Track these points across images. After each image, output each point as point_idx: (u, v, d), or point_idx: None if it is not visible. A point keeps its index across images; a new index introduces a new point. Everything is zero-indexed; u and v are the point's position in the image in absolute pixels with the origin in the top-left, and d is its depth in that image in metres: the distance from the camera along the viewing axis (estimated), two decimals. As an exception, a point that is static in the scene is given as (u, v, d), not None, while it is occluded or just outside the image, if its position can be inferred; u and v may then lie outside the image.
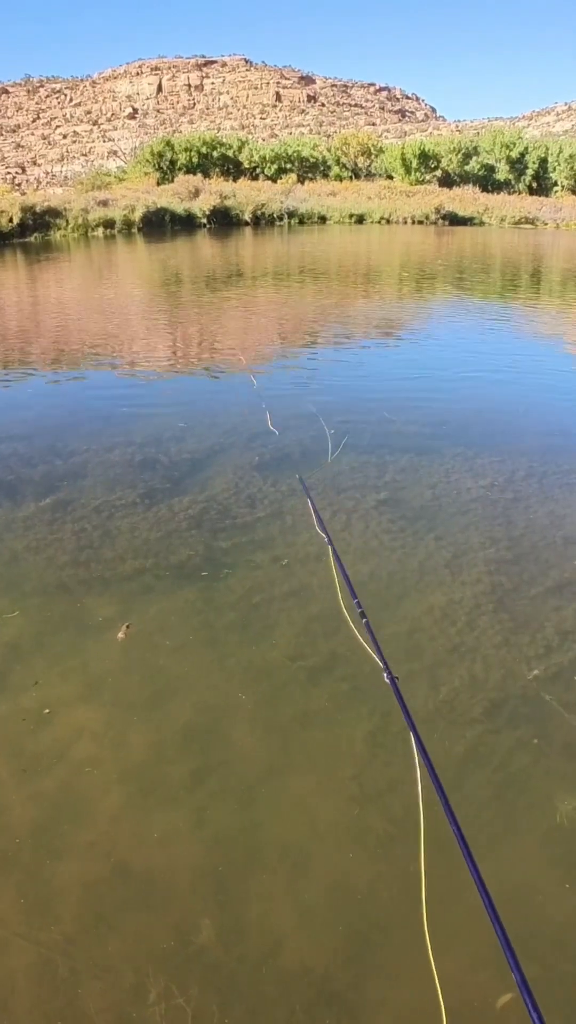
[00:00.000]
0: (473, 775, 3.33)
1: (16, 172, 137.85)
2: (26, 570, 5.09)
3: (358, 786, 3.28)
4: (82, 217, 37.26)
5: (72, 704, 3.80)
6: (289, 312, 16.00)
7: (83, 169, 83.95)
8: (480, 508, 6.01)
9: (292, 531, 5.61)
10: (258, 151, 64.79)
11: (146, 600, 4.75)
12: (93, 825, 3.08)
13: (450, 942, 2.60)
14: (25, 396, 9.60)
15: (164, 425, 8.06)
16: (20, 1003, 2.44)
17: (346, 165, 66.06)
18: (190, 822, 3.10)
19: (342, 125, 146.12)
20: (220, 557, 5.26)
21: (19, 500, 6.16)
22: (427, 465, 6.88)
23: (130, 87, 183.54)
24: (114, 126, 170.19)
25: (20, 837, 3.03)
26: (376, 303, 17.30)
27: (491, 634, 4.35)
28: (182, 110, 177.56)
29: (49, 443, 7.57)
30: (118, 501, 6.12)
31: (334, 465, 6.79)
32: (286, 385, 9.94)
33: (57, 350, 12.45)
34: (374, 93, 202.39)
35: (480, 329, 14.14)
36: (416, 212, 45.01)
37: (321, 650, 4.24)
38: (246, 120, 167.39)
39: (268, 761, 3.44)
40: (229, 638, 4.37)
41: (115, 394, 9.64)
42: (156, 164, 57.99)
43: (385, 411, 8.61)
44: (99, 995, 2.46)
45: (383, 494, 6.23)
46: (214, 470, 6.78)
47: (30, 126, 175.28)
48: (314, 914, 2.72)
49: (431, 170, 62.22)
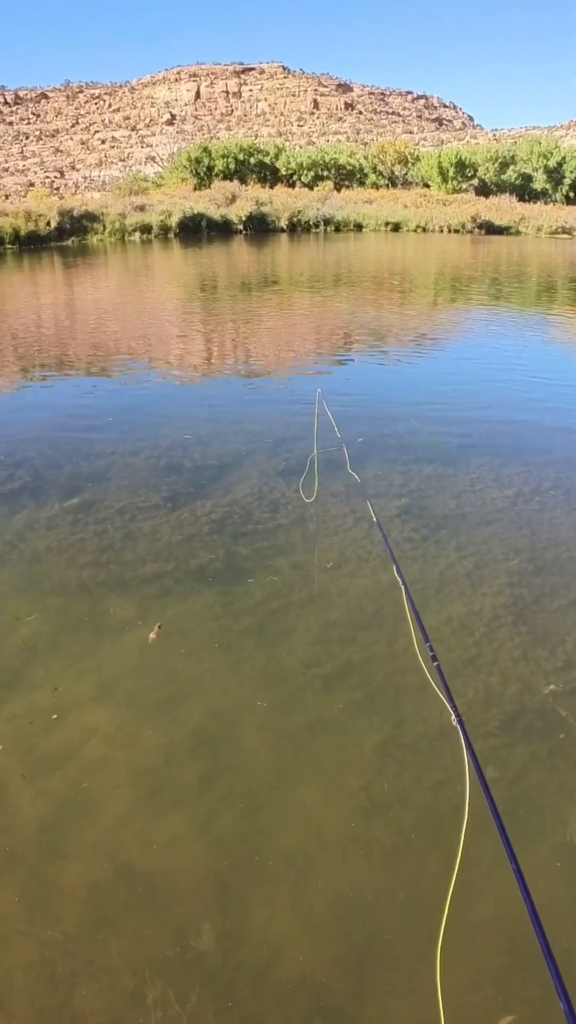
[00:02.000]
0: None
1: (55, 176, 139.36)
2: (47, 570, 5.13)
3: (367, 797, 3.25)
4: (119, 221, 37.60)
5: (85, 704, 3.81)
6: (322, 319, 15.99)
7: (121, 174, 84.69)
8: (504, 518, 5.95)
9: (314, 538, 5.60)
10: (295, 158, 65.04)
11: (164, 603, 4.76)
12: (99, 825, 3.09)
13: (454, 958, 2.57)
14: (55, 397, 9.69)
15: (191, 429, 8.09)
16: (17, 1000, 2.44)
17: (383, 173, 66.05)
18: (196, 826, 3.09)
19: (379, 133, 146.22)
20: (240, 562, 5.26)
21: (43, 500, 6.20)
22: (452, 474, 6.83)
23: (168, 93, 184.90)
24: (152, 132, 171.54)
25: (26, 835, 3.04)
26: (410, 311, 17.24)
27: (509, 647, 4.30)
28: (220, 117, 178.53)
29: (76, 444, 7.62)
30: (141, 503, 6.14)
31: (359, 472, 6.75)
32: (313, 391, 9.91)
33: (90, 353, 12.54)
34: (412, 101, 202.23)
35: (513, 339, 14.03)
36: (452, 221, 44.80)
37: (337, 658, 4.21)
38: (283, 127, 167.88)
39: (277, 768, 3.42)
40: (245, 643, 4.36)
41: (145, 397, 9.69)
42: (193, 170, 58.37)
43: (413, 419, 8.57)
44: (96, 996, 2.45)
45: (406, 502, 6.20)
46: (239, 475, 6.78)
47: (69, 131, 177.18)
48: (316, 924, 2.69)
49: (468, 179, 61.95)
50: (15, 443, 7.70)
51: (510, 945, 2.64)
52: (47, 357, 12.21)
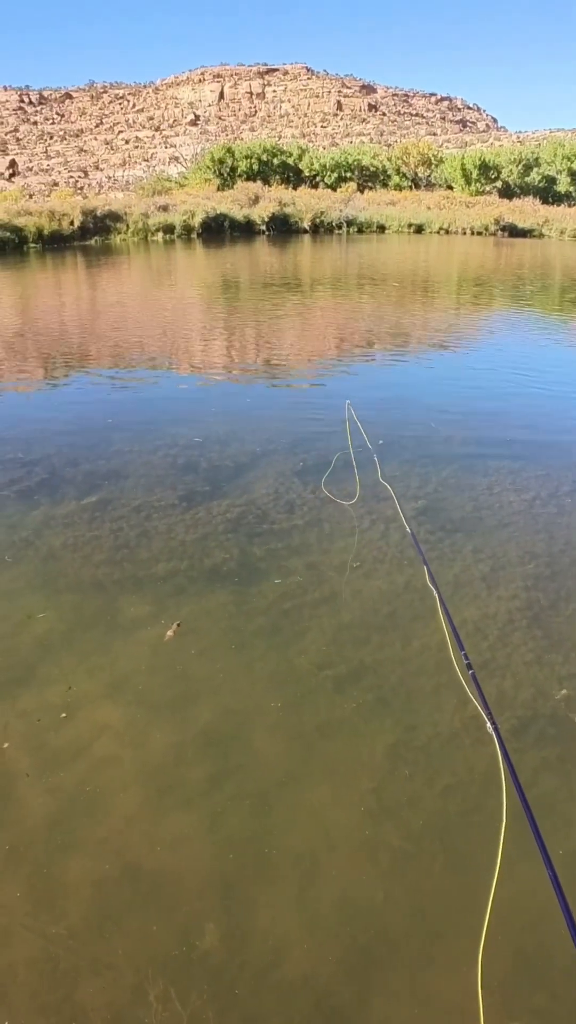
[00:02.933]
0: (495, 794, 3.25)
1: (78, 176, 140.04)
2: (62, 567, 5.14)
3: (376, 799, 3.23)
4: (142, 221, 37.73)
5: (96, 701, 3.82)
6: (344, 320, 15.98)
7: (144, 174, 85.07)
8: (521, 521, 5.91)
9: (329, 539, 5.58)
10: (318, 159, 64.97)
11: (178, 601, 4.76)
12: (107, 823, 3.09)
13: (455, 964, 2.55)
14: (76, 395, 9.73)
15: (209, 429, 8.10)
16: (19, 993, 2.45)
17: (406, 175, 65.85)
18: (204, 825, 3.08)
19: (403, 134, 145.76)
20: (254, 562, 5.25)
21: (60, 498, 6.23)
22: (470, 476, 6.79)
23: (192, 94, 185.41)
24: (176, 132, 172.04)
25: (34, 830, 3.05)
26: (431, 313, 17.18)
27: (523, 651, 4.27)
28: (243, 117, 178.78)
29: (94, 442, 7.65)
30: (157, 502, 6.15)
31: (374, 473, 6.73)
32: (336, 392, 9.91)
33: (111, 352, 12.60)
34: (435, 103, 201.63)
35: (534, 342, 13.95)
36: (475, 223, 44.60)
37: (349, 659, 4.19)
38: (307, 128, 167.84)
39: (287, 769, 3.41)
40: (258, 643, 4.35)
41: (164, 396, 9.73)
42: (216, 170, 58.46)
43: (432, 421, 8.54)
44: (98, 992, 2.45)
45: (424, 503, 6.17)
46: (255, 475, 6.78)
47: (93, 131, 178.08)
48: (320, 926, 2.68)
49: (491, 181, 61.65)
50: (34, 440, 7.74)
51: (521, 947, 2.62)
52: (68, 355, 12.27)
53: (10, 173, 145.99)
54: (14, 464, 6.99)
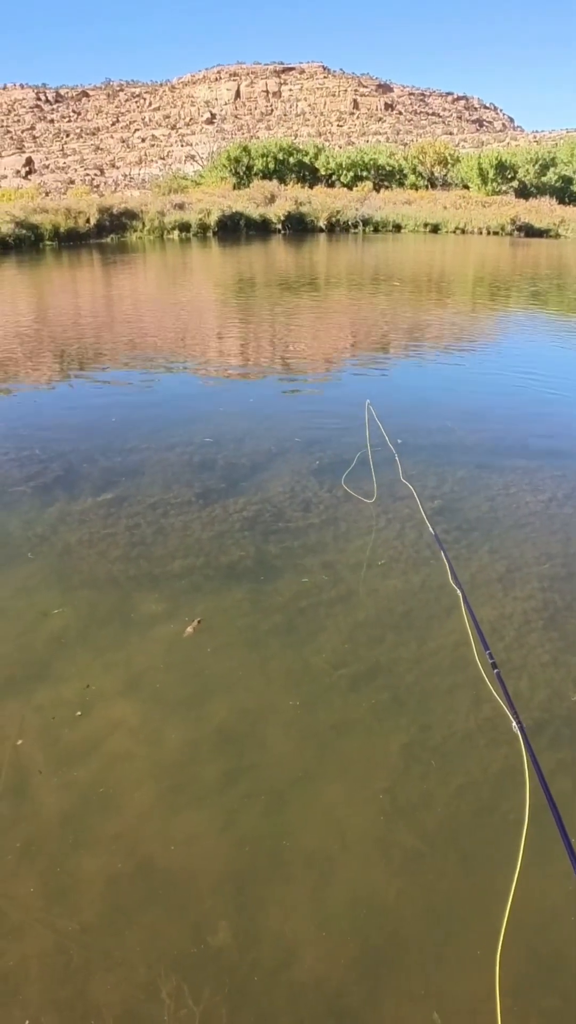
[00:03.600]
0: (510, 796, 3.24)
1: (95, 174, 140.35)
2: (77, 563, 5.15)
3: (390, 799, 3.22)
4: (158, 220, 37.80)
5: (111, 698, 3.83)
6: (360, 319, 15.95)
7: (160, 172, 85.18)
8: (538, 522, 5.88)
9: (345, 537, 5.57)
10: (334, 158, 64.92)
11: (194, 599, 4.76)
12: (121, 819, 3.09)
13: (469, 965, 2.54)
14: (92, 392, 9.76)
15: (225, 427, 8.10)
16: (31, 988, 2.46)
17: (422, 174, 65.71)
18: (217, 823, 3.08)
19: (419, 134, 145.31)
20: (270, 560, 5.25)
21: (76, 494, 6.24)
22: (486, 476, 6.77)
23: (209, 92, 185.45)
24: (192, 131, 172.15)
25: (48, 825, 3.06)
26: (447, 313, 17.13)
27: (539, 652, 4.24)
28: (260, 116, 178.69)
29: (110, 440, 7.66)
30: (173, 499, 6.16)
31: (390, 472, 6.71)
32: (353, 391, 9.89)
33: (127, 349, 12.62)
34: (452, 102, 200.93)
35: (550, 343, 13.89)
36: (491, 223, 44.46)
37: (365, 659, 4.18)
38: (323, 127, 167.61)
39: (301, 767, 3.40)
40: (273, 641, 4.35)
41: (180, 394, 9.74)
42: (233, 169, 58.50)
43: (448, 421, 8.52)
44: (110, 988, 2.46)
45: (440, 503, 6.15)
46: (271, 473, 6.78)
47: (109, 129, 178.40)
48: (333, 926, 2.67)
49: (507, 181, 61.46)
50: (50, 437, 7.76)
51: (531, 950, 2.61)
52: (84, 353, 12.30)
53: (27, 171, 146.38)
54: (31, 460, 7.01)
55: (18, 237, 31.50)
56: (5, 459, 7.06)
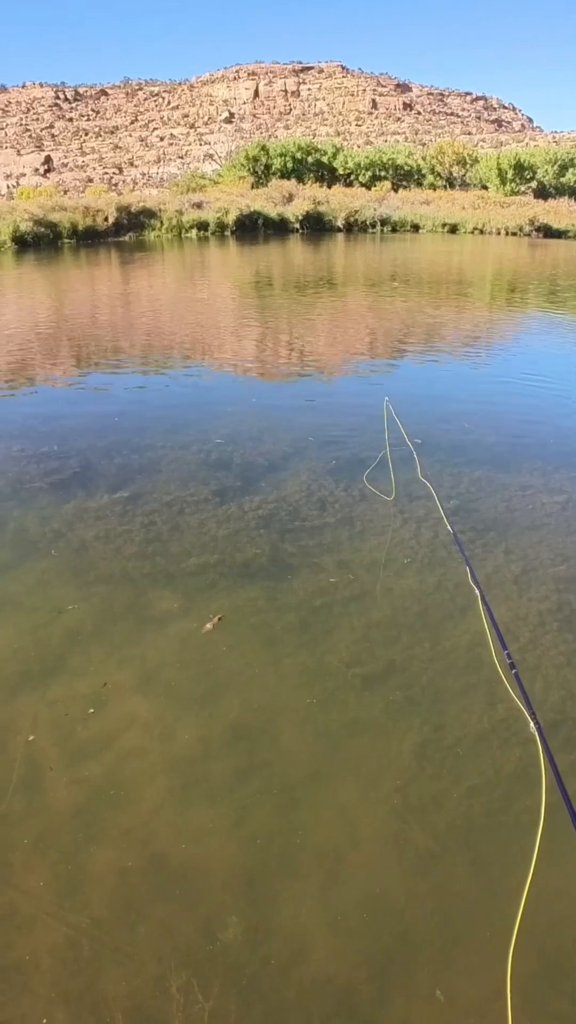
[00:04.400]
0: (522, 796, 3.23)
1: (113, 172, 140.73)
2: (93, 559, 5.18)
3: (403, 798, 3.21)
4: (176, 218, 37.90)
5: (125, 693, 3.84)
6: (378, 320, 15.93)
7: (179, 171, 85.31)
8: (554, 524, 5.85)
9: (360, 537, 5.57)
10: (353, 158, 64.86)
11: (208, 596, 4.77)
12: (133, 814, 3.10)
13: (478, 966, 2.53)
14: (110, 391, 9.80)
15: (242, 426, 8.11)
16: (41, 980, 2.47)
17: (440, 174, 65.56)
18: (229, 819, 3.09)
19: (438, 134, 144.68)
20: (286, 558, 5.25)
21: (93, 491, 6.27)
22: (502, 478, 6.74)
23: (227, 91, 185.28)
24: (210, 130, 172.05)
25: (61, 819, 3.07)
26: (465, 314, 17.08)
27: (553, 653, 4.23)
28: (278, 115, 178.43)
29: (127, 437, 7.69)
30: (190, 497, 6.17)
31: (407, 472, 6.70)
32: (370, 391, 9.89)
33: (144, 347, 12.67)
34: (471, 102, 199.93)
35: (569, 345, 13.82)
36: (510, 223, 44.25)
37: (379, 658, 4.18)
38: (342, 127, 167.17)
39: (314, 765, 3.40)
40: (287, 639, 4.35)
41: (197, 392, 9.77)
42: (251, 168, 58.54)
43: (465, 422, 8.49)
44: (120, 981, 2.47)
45: (456, 504, 6.13)
46: (288, 472, 6.78)
47: (128, 128, 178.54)
48: (343, 924, 2.67)
49: (526, 181, 61.23)
50: (68, 434, 7.80)
51: (543, 950, 2.60)
52: (102, 351, 12.35)
53: (45, 169, 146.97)
54: (48, 457, 7.05)
55: (37, 235, 31.66)
56: (22, 455, 7.10)
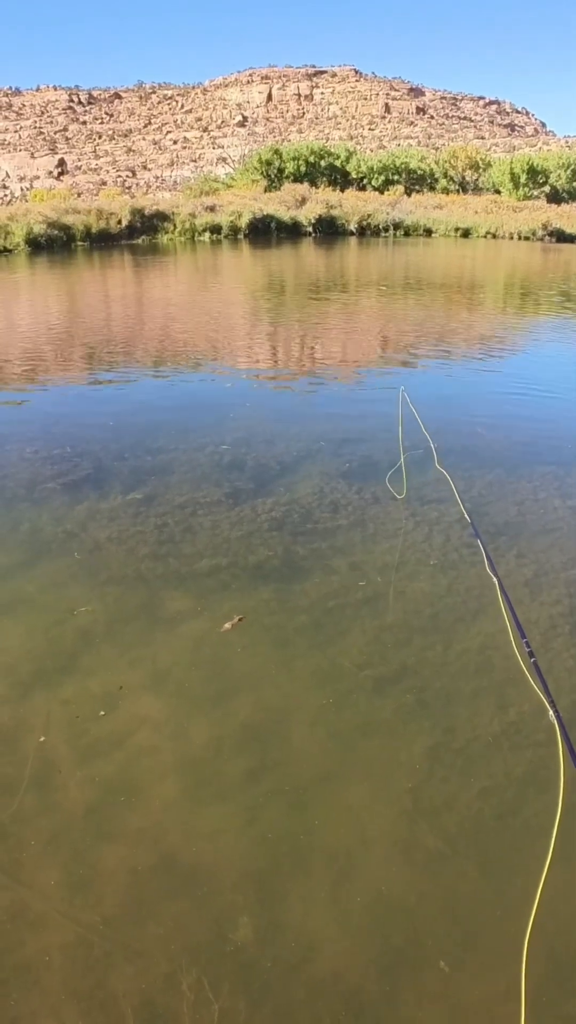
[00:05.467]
0: (532, 800, 3.23)
1: (127, 176, 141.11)
2: (106, 559, 5.20)
3: (413, 800, 3.22)
4: (189, 221, 37.97)
5: (137, 693, 3.86)
6: (390, 323, 15.93)
7: (192, 175, 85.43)
8: (566, 528, 5.84)
9: (373, 539, 5.57)
10: (365, 162, 64.79)
11: (221, 597, 4.79)
12: (145, 813, 3.12)
13: (488, 968, 2.53)
14: (122, 392, 9.84)
15: (254, 428, 8.13)
16: (52, 979, 2.48)
17: (453, 178, 65.43)
18: (241, 819, 3.10)
19: (451, 138, 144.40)
20: (298, 560, 5.26)
21: (106, 492, 6.30)
22: (514, 482, 6.74)
23: (240, 95, 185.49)
24: (224, 133, 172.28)
25: (73, 817, 3.09)
26: (478, 318, 17.06)
27: (564, 657, 4.22)
28: (291, 119, 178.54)
29: (140, 439, 7.72)
30: (203, 499, 6.19)
31: (419, 475, 6.71)
32: (382, 395, 9.89)
33: (157, 350, 12.71)
34: (484, 106, 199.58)
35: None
36: (523, 228, 44.13)
37: (391, 660, 4.18)
38: (354, 131, 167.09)
39: (325, 766, 3.41)
40: (299, 641, 4.36)
41: (209, 394, 9.80)
42: (264, 172, 58.57)
43: (478, 426, 8.49)
44: (130, 979, 2.48)
45: (468, 507, 6.12)
46: (301, 475, 6.79)
47: (141, 131, 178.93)
48: (353, 924, 2.68)
49: (539, 185, 61.06)
50: (81, 435, 7.84)
51: (550, 952, 2.60)
52: (115, 353, 12.40)
53: (59, 172, 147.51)
54: (61, 458, 7.08)
55: (50, 237, 31.78)
56: (36, 456, 7.14)
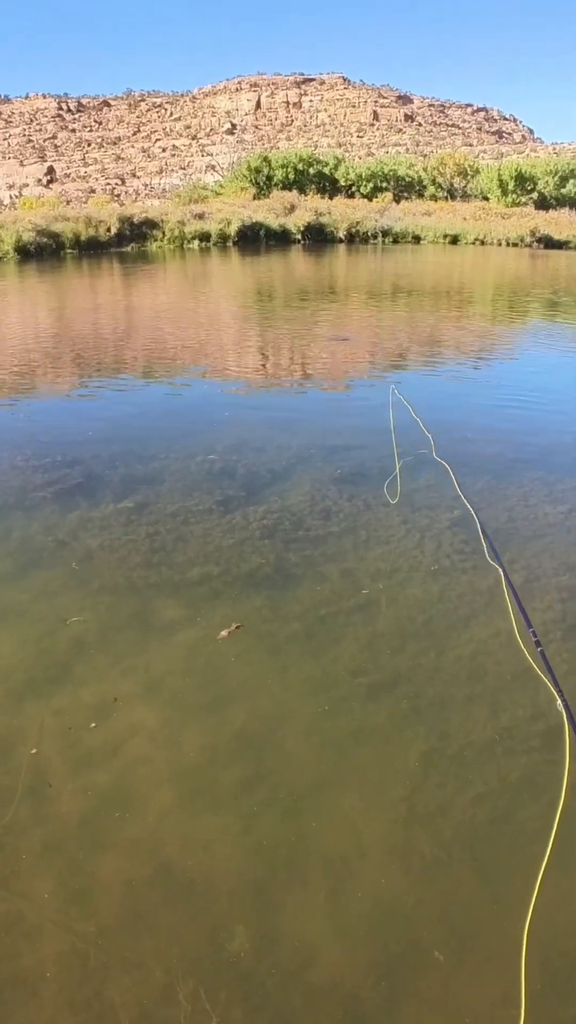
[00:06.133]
0: (527, 805, 3.24)
1: (116, 183, 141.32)
2: (98, 568, 5.20)
3: (408, 807, 3.22)
4: (178, 229, 38.01)
5: (131, 702, 3.85)
6: (379, 330, 15.97)
7: (181, 182, 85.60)
8: (556, 534, 5.87)
9: (365, 546, 5.58)
10: (354, 169, 65.13)
11: (213, 605, 4.79)
12: (140, 822, 3.11)
13: (486, 973, 2.54)
14: (113, 401, 9.83)
15: (245, 436, 8.13)
16: (48, 990, 2.47)
17: (442, 185, 65.77)
18: (236, 828, 3.10)
19: (439, 145, 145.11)
20: (290, 568, 5.27)
21: (97, 500, 6.29)
22: (505, 488, 6.76)
23: (229, 103, 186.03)
24: (212, 141, 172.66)
25: (67, 828, 3.08)
26: (467, 324, 17.13)
27: (557, 662, 4.23)
28: (280, 127, 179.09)
29: (131, 447, 7.72)
30: (194, 507, 6.19)
31: (410, 482, 6.73)
32: (372, 402, 9.91)
33: (146, 357, 12.72)
34: (471, 114, 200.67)
35: (570, 356, 13.85)
36: (511, 234, 44.33)
37: (384, 667, 4.19)
38: (343, 138, 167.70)
39: (320, 774, 3.41)
40: (292, 648, 4.36)
41: (200, 402, 9.80)
42: (253, 179, 58.76)
43: (467, 432, 8.51)
44: (127, 990, 2.47)
45: (458, 513, 6.15)
46: (292, 482, 6.80)
47: (131, 139, 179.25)
48: (350, 932, 2.68)
49: (527, 192, 61.41)
50: (72, 443, 7.83)
51: (545, 960, 2.60)
52: (103, 360, 12.40)
53: (48, 180, 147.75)
54: (52, 466, 7.08)
55: (39, 245, 31.77)
56: (27, 465, 7.12)
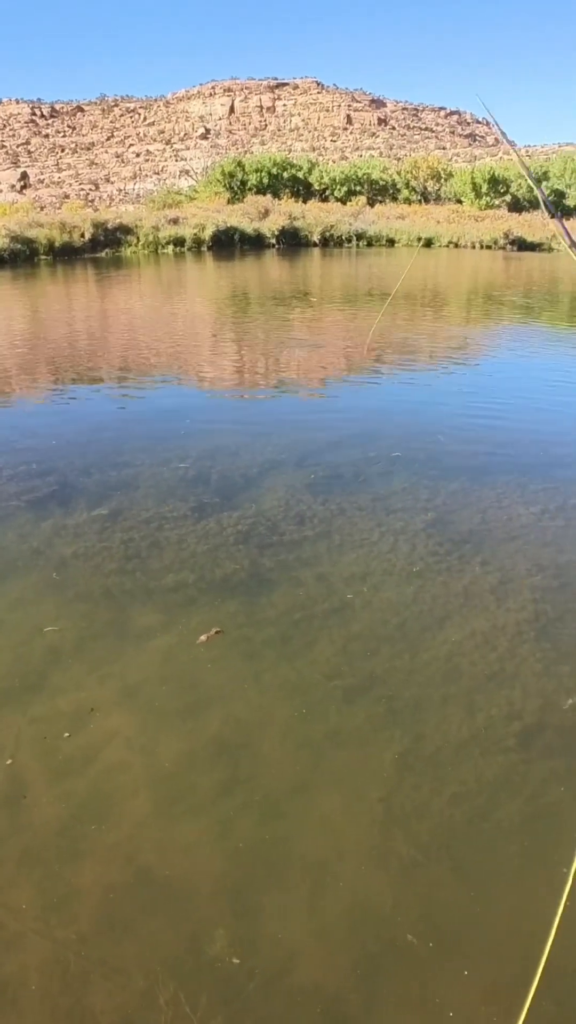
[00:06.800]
0: (503, 804, 3.28)
1: (90, 189, 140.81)
2: (73, 576, 5.19)
3: (385, 808, 3.25)
4: (153, 234, 37.89)
5: (107, 709, 3.86)
6: (353, 333, 16.03)
7: (155, 187, 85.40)
8: (529, 534, 5.93)
9: (339, 550, 5.61)
10: (328, 173, 65.23)
11: (188, 611, 4.80)
12: (118, 829, 3.12)
13: (465, 974, 2.57)
14: (86, 407, 9.82)
15: (219, 442, 8.14)
16: (29, 998, 2.48)
17: (415, 188, 66.04)
18: (214, 832, 3.11)
19: (412, 148, 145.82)
20: (265, 573, 5.29)
21: (71, 508, 6.28)
22: (478, 489, 6.82)
23: (203, 108, 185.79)
24: (186, 146, 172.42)
25: (45, 835, 3.09)
26: (440, 327, 17.23)
27: (531, 662, 4.28)
28: (254, 131, 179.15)
29: (104, 454, 7.71)
30: (168, 513, 6.20)
31: (384, 486, 6.78)
32: (344, 404, 9.96)
33: (120, 364, 12.69)
34: (444, 117, 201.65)
35: (543, 357, 13.98)
36: (484, 237, 44.59)
37: (359, 670, 4.22)
38: (317, 142, 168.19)
39: (297, 777, 3.44)
40: (268, 653, 4.38)
41: (173, 408, 9.79)
42: (227, 184, 58.68)
43: (440, 435, 8.57)
44: (107, 996, 2.48)
45: (432, 516, 6.19)
46: (266, 487, 6.82)
47: (104, 144, 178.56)
48: (330, 934, 2.70)
49: (500, 195, 61.83)
50: (45, 451, 7.81)
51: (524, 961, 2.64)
52: (78, 367, 12.37)
53: (22, 185, 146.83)
54: (25, 475, 7.05)
55: (13, 251, 31.55)
56: (0, 474, 7.09)
